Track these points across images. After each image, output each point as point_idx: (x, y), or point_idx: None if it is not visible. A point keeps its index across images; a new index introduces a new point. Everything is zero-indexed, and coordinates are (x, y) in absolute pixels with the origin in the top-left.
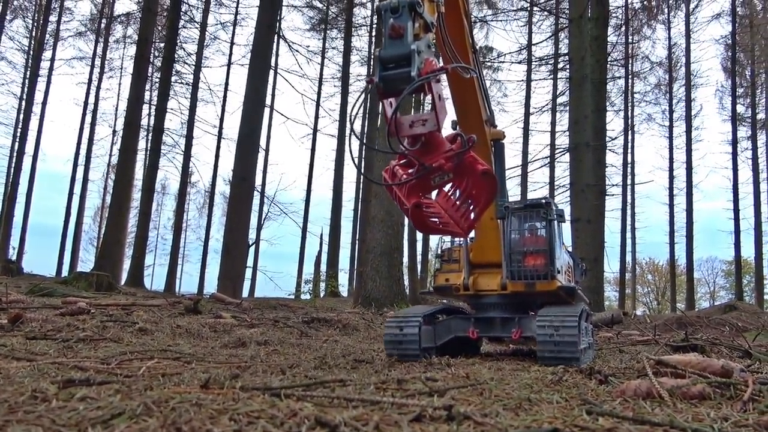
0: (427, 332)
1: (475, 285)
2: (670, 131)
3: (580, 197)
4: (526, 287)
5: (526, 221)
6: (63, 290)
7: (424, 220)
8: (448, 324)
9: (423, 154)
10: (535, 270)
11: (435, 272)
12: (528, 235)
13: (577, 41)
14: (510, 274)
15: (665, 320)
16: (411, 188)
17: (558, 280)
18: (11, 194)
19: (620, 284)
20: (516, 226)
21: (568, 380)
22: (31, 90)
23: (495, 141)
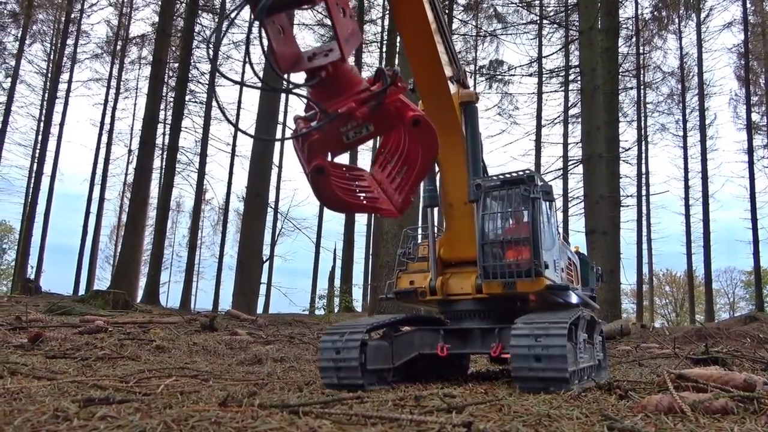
0: (377, 350)
1: (445, 288)
2: (684, 141)
3: (594, 209)
4: (505, 288)
5: (504, 203)
6: (80, 308)
7: (331, 191)
8: (410, 339)
9: (328, 97)
10: (515, 265)
11: (398, 273)
12: (506, 220)
13: (587, 53)
14: (484, 272)
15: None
16: (314, 145)
17: (547, 278)
18: (30, 214)
19: (638, 296)
20: (490, 210)
21: (588, 395)
22: (49, 112)
23: (465, 104)
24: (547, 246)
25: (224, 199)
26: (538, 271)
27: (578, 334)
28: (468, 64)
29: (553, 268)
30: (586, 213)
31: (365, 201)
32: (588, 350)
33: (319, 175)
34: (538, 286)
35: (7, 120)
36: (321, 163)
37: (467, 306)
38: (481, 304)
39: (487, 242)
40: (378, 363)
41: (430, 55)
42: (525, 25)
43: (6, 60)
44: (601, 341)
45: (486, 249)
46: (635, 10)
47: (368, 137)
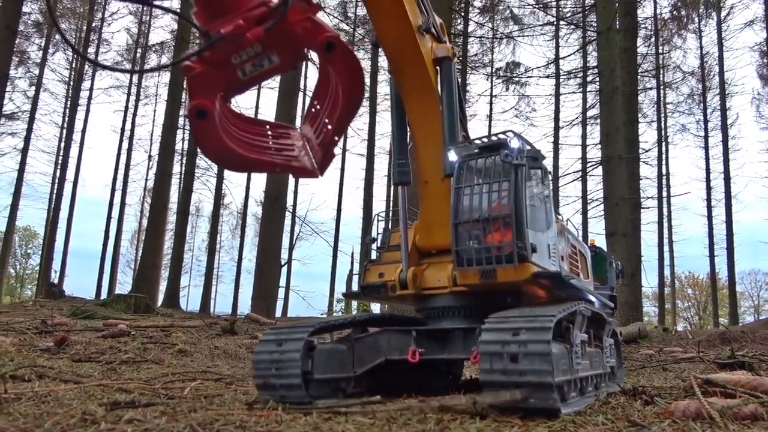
0: (331, 356)
1: (419, 280)
2: (705, 141)
3: (614, 211)
4: (483, 277)
5: (481, 174)
6: (103, 312)
7: (218, 142)
8: (375, 342)
9: (213, 16)
10: (495, 249)
11: (366, 265)
12: (485, 194)
13: (606, 53)
14: (458, 258)
15: (708, 336)
16: (198, 82)
17: (534, 264)
18: (53, 220)
19: (659, 299)
20: (465, 182)
21: (612, 401)
22: (71, 119)
23: (440, 61)
24: (538, 225)
25: (242, 203)
26: (521, 256)
27: (573, 333)
28: (485, 67)
29: (546, 253)
30: (605, 215)
31: (275, 158)
32: (591, 355)
33: (200, 121)
34: (522, 275)
35: (31, 127)
36: (203, 104)
37: (445, 302)
38: (462, 299)
39: (461, 222)
40: (332, 371)
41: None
42: (542, 26)
43: (30, 69)
44: (613, 344)
45: (460, 230)
46: (654, 9)
47: (272, 72)
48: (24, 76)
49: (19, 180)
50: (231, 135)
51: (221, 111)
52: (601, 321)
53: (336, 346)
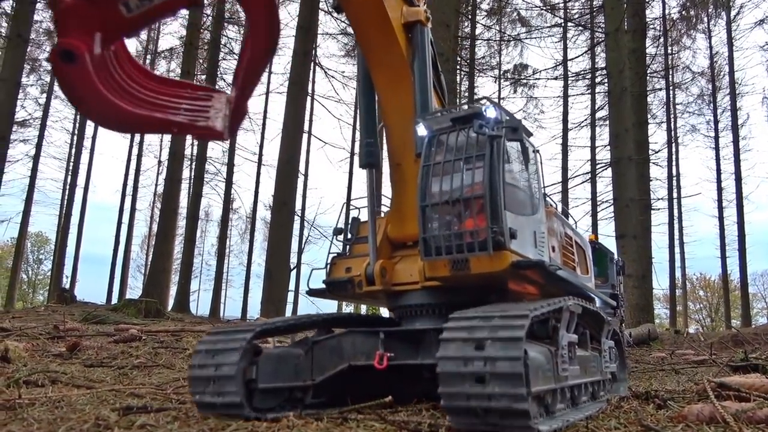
0: (281, 362)
1: (389, 275)
2: (716, 142)
3: (624, 213)
4: (454, 269)
5: (452, 150)
6: (114, 317)
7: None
8: (337, 345)
9: None
10: (467, 235)
11: (333, 259)
12: (457, 172)
13: (614, 55)
14: (425, 246)
15: (720, 338)
16: (67, 17)
17: (512, 252)
18: (65, 225)
19: (671, 301)
20: (433, 159)
21: (625, 405)
22: (82, 125)
23: (411, 26)
24: (520, 208)
25: (251, 208)
26: (497, 242)
27: (560, 335)
28: (492, 69)
29: (530, 240)
30: (615, 217)
31: (176, 117)
32: (584, 360)
33: (65, 65)
34: (498, 264)
35: (42, 134)
36: (70, 44)
37: (417, 299)
38: (436, 296)
39: (429, 204)
40: (283, 379)
41: None
42: (549, 28)
43: (41, 76)
44: (614, 347)
45: (428, 214)
46: (663, 10)
47: (165, 8)
48: (35, 83)
49: (31, 186)
50: (118, 88)
51: (110, 59)
52: (599, 320)
53: (289, 351)
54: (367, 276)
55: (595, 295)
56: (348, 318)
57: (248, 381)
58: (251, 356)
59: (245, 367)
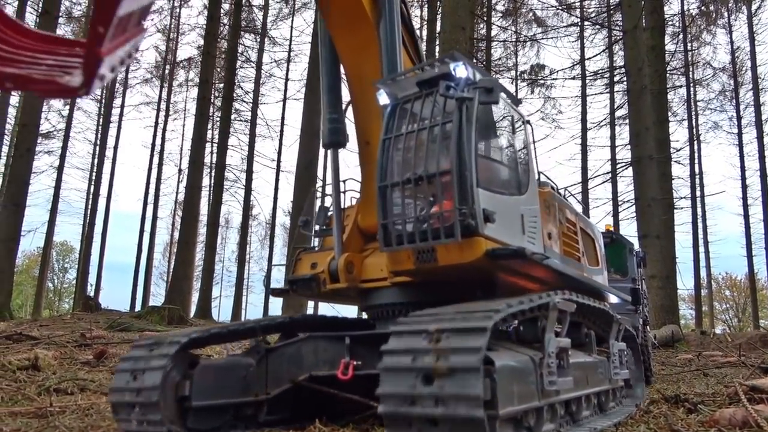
0: (223, 374)
1: (357, 271)
2: (739, 138)
3: (646, 212)
4: (419, 261)
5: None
6: (138, 325)
7: None
8: (296, 352)
9: None
10: (433, 220)
11: (299, 253)
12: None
13: (633, 53)
14: (385, 234)
15: (748, 338)
16: None
17: (487, 239)
18: (88, 234)
19: (696, 301)
20: (395, 131)
21: (654, 409)
22: (104, 136)
23: None
24: (500, 186)
25: (271, 214)
26: (466, 227)
27: (546, 339)
28: (509, 70)
29: (515, 225)
30: (637, 217)
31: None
32: (583, 368)
33: None
34: (469, 254)
35: (66, 146)
36: None
37: (388, 297)
38: (410, 294)
39: (389, 184)
40: (227, 395)
41: None
42: (566, 27)
43: None
44: (625, 350)
45: (387, 195)
46: (681, 6)
47: None
48: None
49: (55, 197)
50: None
51: None
52: (607, 319)
53: (236, 361)
54: (330, 272)
55: (605, 290)
56: (313, 321)
57: (181, 399)
58: (184, 370)
59: (177, 383)
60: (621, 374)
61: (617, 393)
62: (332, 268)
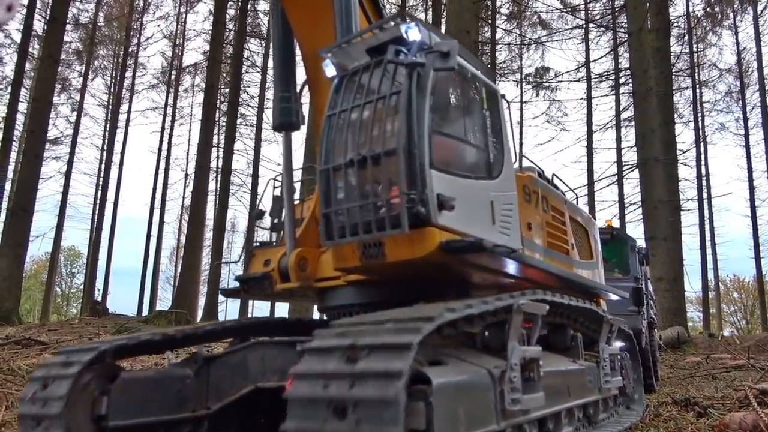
0: (148, 388)
1: (312, 268)
2: (746, 140)
3: (653, 214)
4: (365, 257)
5: (365, 93)
6: (146, 329)
7: None
8: (241, 361)
9: None
10: (379, 207)
11: (253, 250)
12: (368, 121)
13: (638, 54)
14: (326, 226)
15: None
16: None
17: (440, 228)
18: (96, 239)
19: (704, 304)
20: (339, 107)
21: (664, 413)
22: (111, 141)
23: None
24: (462, 168)
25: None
26: (415, 215)
27: (509, 348)
28: (513, 73)
29: (484, 215)
30: (644, 219)
31: None
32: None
33: None
34: (420, 248)
35: (73, 151)
36: None
37: (345, 298)
38: (369, 294)
39: (332, 167)
40: (155, 411)
41: None
42: (570, 30)
43: (71, 95)
44: (618, 355)
45: (330, 180)
46: (686, 7)
47: None
48: (66, 102)
49: (63, 202)
50: None
51: None
52: (596, 320)
53: (169, 373)
54: (280, 270)
55: (599, 287)
56: (268, 324)
57: (98, 418)
58: (102, 383)
59: (94, 400)
60: (613, 382)
61: (609, 403)
62: (282, 266)
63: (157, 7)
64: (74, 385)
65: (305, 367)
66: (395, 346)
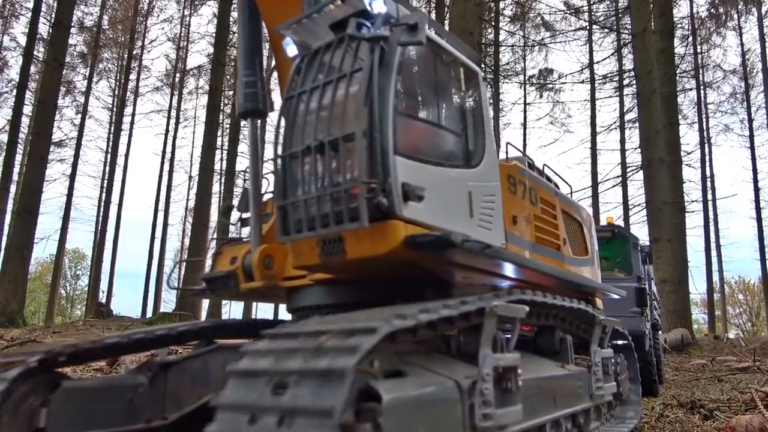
0: (93, 398)
1: (279, 266)
2: (751, 141)
3: (657, 216)
4: (325, 253)
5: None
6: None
7: None
8: (202, 367)
9: None
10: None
11: (220, 246)
12: (321, 103)
13: (642, 56)
14: (282, 219)
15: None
16: None
17: (407, 221)
18: (100, 241)
19: (709, 306)
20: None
21: (669, 415)
22: (115, 144)
23: None
24: (435, 155)
25: None
26: (378, 206)
27: (480, 357)
28: (517, 75)
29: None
30: (648, 221)
31: None
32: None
33: None
34: (382, 243)
35: (78, 154)
36: None
37: (313, 298)
38: (335, 293)
39: (289, 154)
40: (103, 423)
41: None
42: (574, 31)
43: (76, 98)
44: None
45: (287, 169)
46: (690, 8)
47: None
48: (71, 104)
49: (67, 204)
50: None
51: None
52: (587, 321)
53: (118, 381)
54: (244, 268)
55: (594, 285)
56: (227, 326)
57: (36, 431)
58: (42, 393)
59: (32, 412)
60: (606, 388)
61: (602, 410)
62: (246, 264)
63: (161, 10)
64: (8, 396)
65: (229, 396)
66: (327, 373)
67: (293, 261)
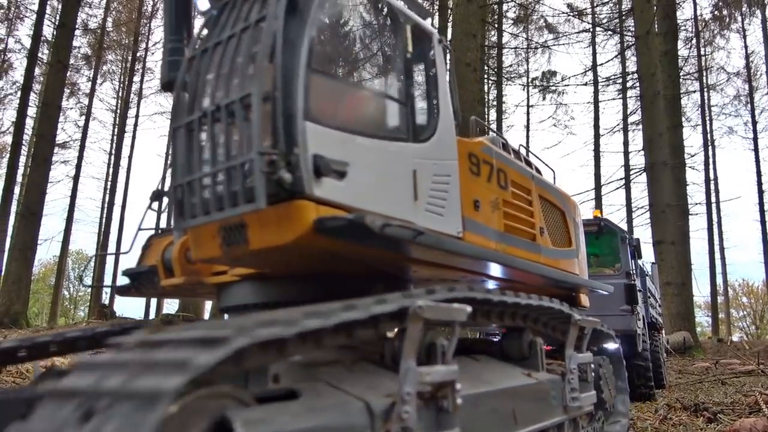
0: None
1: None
2: (755, 143)
3: (660, 219)
4: (226, 243)
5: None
6: None
7: None
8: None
9: None
10: (234, 174)
11: (150, 238)
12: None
13: (645, 58)
14: (177, 203)
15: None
16: None
17: (318, 199)
18: (103, 243)
19: (712, 309)
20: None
21: (673, 418)
22: (119, 145)
23: None
24: (362, 121)
25: None
26: (279, 182)
27: (402, 369)
28: (520, 77)
29: (400, 188)
30: (652, 223)
31: None
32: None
33: None
34: (289, 230)
35: (81, 155)
36: None
37: (243, 296)
38: (265, 291)
39: (182, 123)
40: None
41: None
42: (577, 34)
43: (80, 99)
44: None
45: (179, 141)
46: (694, 10)
47: None
48: (74, 106)
49: (71, 206)
50: None
51: None
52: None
53: (16, 394)
54: (164, 262)
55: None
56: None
57: None
58: None
59: None
60: (583, 398)
61: (579, 423)
62: (166, 258)
63: None
64: None
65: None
66: (141, 395)
67: (193, 253)
